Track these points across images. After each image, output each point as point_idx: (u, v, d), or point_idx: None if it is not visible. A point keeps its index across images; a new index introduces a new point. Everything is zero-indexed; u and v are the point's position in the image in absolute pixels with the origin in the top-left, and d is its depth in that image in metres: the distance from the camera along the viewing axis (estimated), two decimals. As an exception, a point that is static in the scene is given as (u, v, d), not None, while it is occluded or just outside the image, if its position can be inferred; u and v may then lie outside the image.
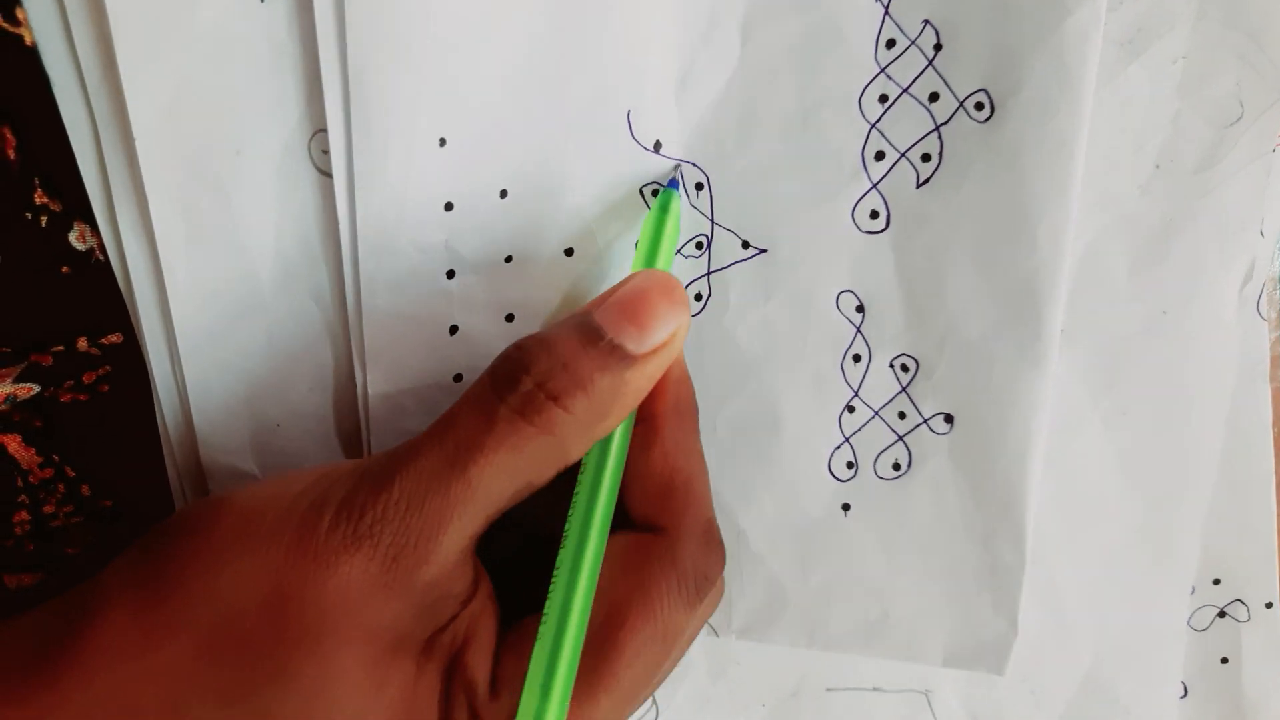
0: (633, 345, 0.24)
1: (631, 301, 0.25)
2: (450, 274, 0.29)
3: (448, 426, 0.24)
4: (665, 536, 0.25)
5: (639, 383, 0.24)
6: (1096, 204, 0.29)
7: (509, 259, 0.30)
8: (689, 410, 0.27)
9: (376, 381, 0.30)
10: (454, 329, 0.30)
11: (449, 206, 0.29)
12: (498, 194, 0.29)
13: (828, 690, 0.35)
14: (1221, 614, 0.33)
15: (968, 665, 0.32)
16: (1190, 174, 0.29)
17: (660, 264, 0.27)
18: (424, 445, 0.24)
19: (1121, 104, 0.29)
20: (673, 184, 0.28)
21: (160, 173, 0.27)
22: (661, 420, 0.26)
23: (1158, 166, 0.29)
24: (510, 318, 0.30)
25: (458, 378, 0.31)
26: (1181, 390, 0.31)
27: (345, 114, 0.27)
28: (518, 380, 0.23)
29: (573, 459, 0.25)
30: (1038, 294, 0.29)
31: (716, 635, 0.33)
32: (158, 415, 0.29)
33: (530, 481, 0.24)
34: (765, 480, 0.32)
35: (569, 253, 0.30)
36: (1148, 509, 0.32)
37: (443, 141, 0.28)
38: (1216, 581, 0.33)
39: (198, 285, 0.28)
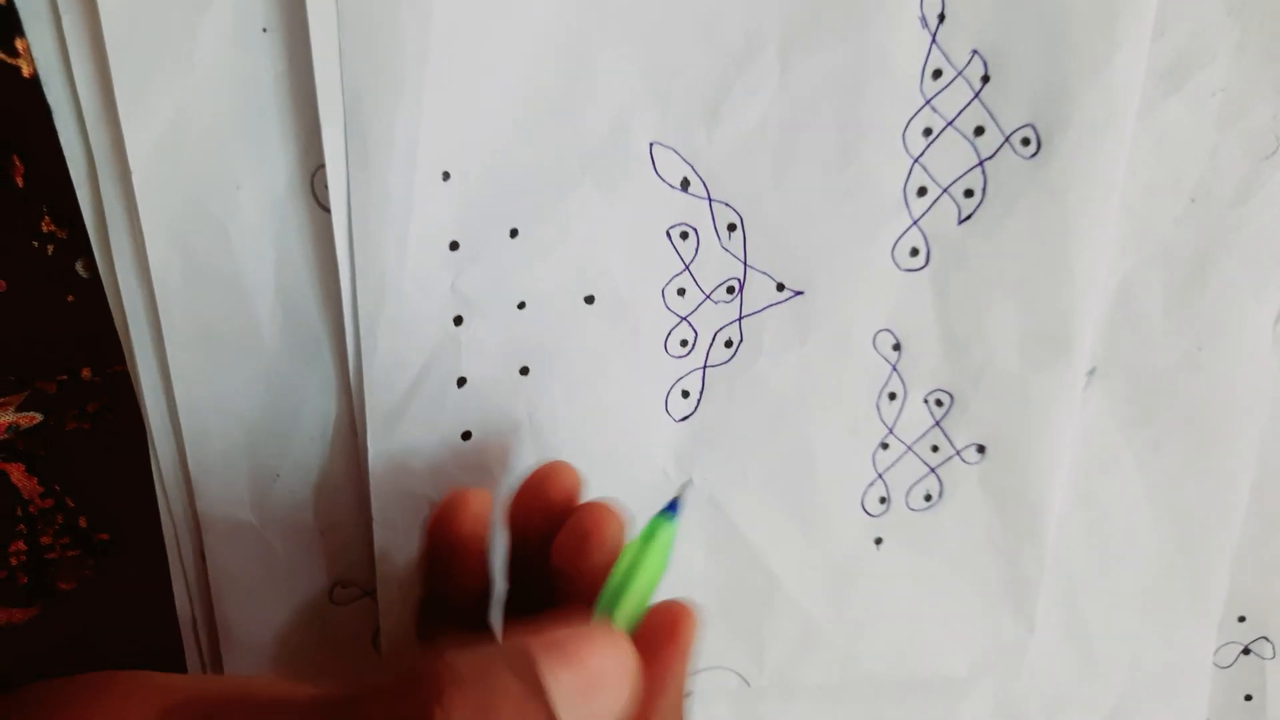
0: (569, 717, 0.18)
1: (585, 662, 0.19)
2: (458, 320, 0.26)
3: None
4: None
5: None
6: (1132, 238, 0.29)
7: (522, 305, 0.27)
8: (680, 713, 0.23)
9: (378, 437, 0.27)
10: (462, 381, 0.27)
11: (454, 246, 0.26)
12: (508, 233, 0.26)
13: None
14: (1246, 651, 0.34)
15: (989, 672, 0.33)
16: (1226, 208, 0.29)
17: (626, 606, 0.22)
18: None
19: (1159, 137, 0.28)
20: (671, 507, 0.24)
21: (157, 208, 0.25)
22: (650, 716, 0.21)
23: (1193, 200, 0.29)
24: (525, 371, 0.27)
25: (466, 435, 0.28)
26: (1215, 426, 0.31)
27: (344, 145, 0.24)
28: None
29: None
30: (1073, 324, 0.29)
31: (749, 684, 0.31)
32: (153, 462, 0.28)
33: None
34: (798, 522, 0.30)
35: (589, 300, 0.27)
36: (1178, 545, 0.32)
37: (446, 175, 0.25)
38: (1241, 619, 0.33)
39: (195, 326, 0.26)
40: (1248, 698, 0.34)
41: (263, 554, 0.29)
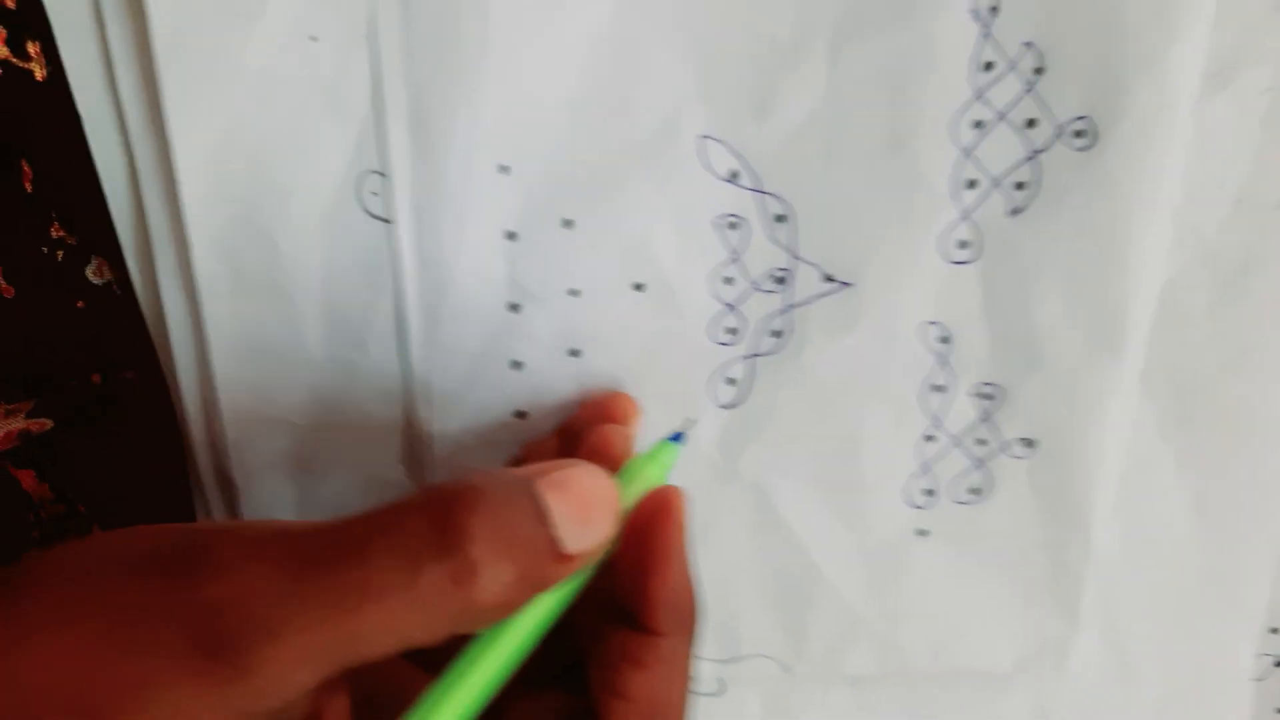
0: (569, 542, 0.21)
1: (577, 492, 0.21)
2: (514, 306, 0.27)
3: (361, 551, 0.19)
4: None
5: (559, 576, 0.21)
6: (1176, 240, 0.28)
7: (574, 292, 0.28)
8: (693, 630, 0.24)
9: (438, 418, 0.28)
10: (517, 364, 0.28)
11: (511, 236, 0.27)
12: (562, 223, 0.27)
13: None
14: (1279, 663, 0.33)
15: (1034, 666, 0.32)
16: (1272, 209, 0.28)
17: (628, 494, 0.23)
18: (328, 552, 0.19)
19: (1204, 136, 0.27)
20: (677, 438, 0.25)
21: (205, 220, 0.25)
22: (662, 638, 0.23)
23: (1239, 202, 0.28)
24: (576, 353, 0.28)
25: (520, 414, 0.28)
26: (1258, 431, 0.30)
27: (408, 142, 0.25)
28: (457, 542, 0.19)
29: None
30: (1126, 318, 0.28)
31: (789, 672, 0.32)
32: (193, 470, 0.28)
33: (416, 640, 0.20)
34: (842, 512, 0.30)
35: (639, 288, 0.28)
36: (1218, 551, 0.32)
37: (504, 168, 0.26)
38: (1275, 630, 0.32)
39: (241, 337, 0.26)
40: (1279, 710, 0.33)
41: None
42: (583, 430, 0.26)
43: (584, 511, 0.21)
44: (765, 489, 0.30)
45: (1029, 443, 0.30)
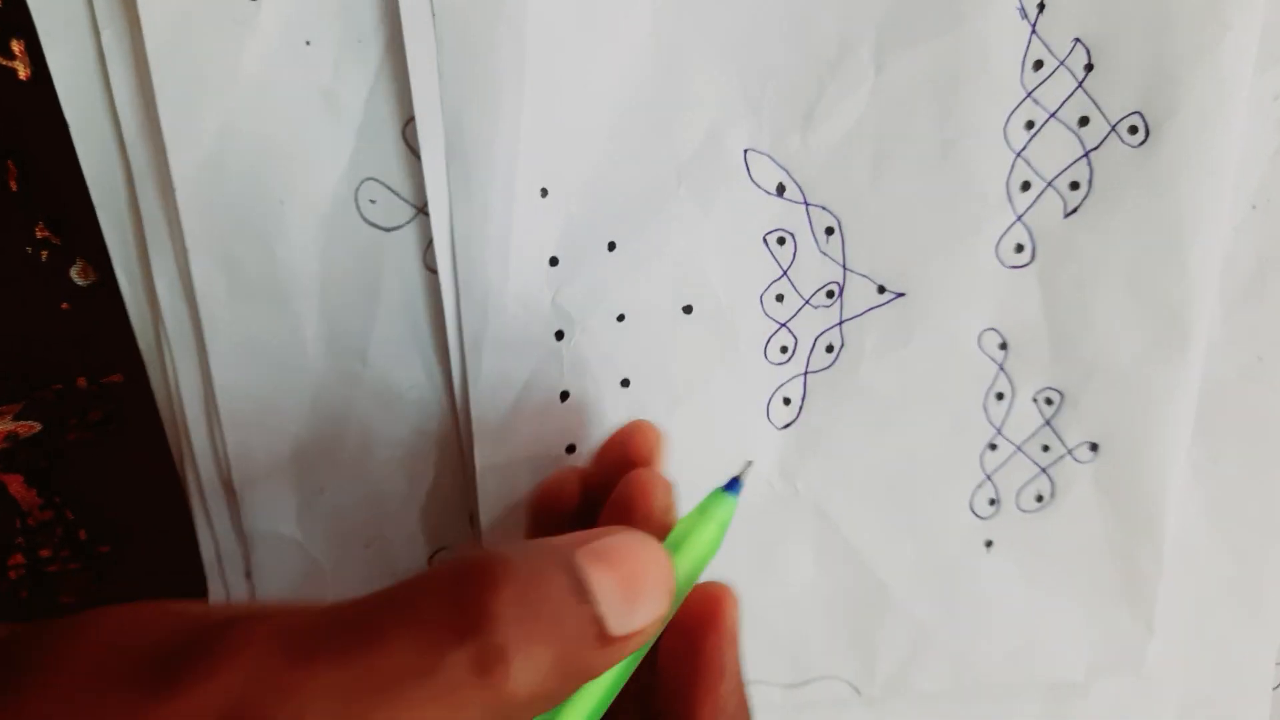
0: (614, 622, 0.18)
1: (624, 564, 0.19)
2: (559, 335, 0.27)
3: (375, 637, 0.17)
4: None
5: (593, 672, 0.18)
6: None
7: (621, 317, 0.27)
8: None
9: (485, 452, 0.27)
10: (565, 395, 0.27)
11: (554, 261, 0.26)
12: (605, 246, 0.26)
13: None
14: None
15: (1108, 673, 0.32)
16: None
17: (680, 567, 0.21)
18: (339, 639, 0.17)
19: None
20: (732, 486, 0.21)
21: (201, 225, 0.25)
22: None
23: (1254, 207, 0.28)
24: (626, 383, 0.27)
25: (570, 448, 0.28)
26: (1275, 438, 0.30)
27: (445, 168, 0.25)
28: (482, 625, 0.17)
29: None
30: (1188, 316, 0.28)
31: (860, 694, 0.31)
32: (191, 479, 0.27)
33: None
34: (906, 527, 0.30)
35: (687, 310, 0.27)
36: (1237, 559, 0.31)
37: (544, 192, 0.26)
38: None
39: (240, 342, 0.26)
40: (1294, 720, 0.33)
41: (307, 568, 0.29)
42: (608, 473, 0.24)
43: (633, 587, 0.19)
44: (826, 508, 0.29)
45: (1094, 447, 0.29)
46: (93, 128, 0.24)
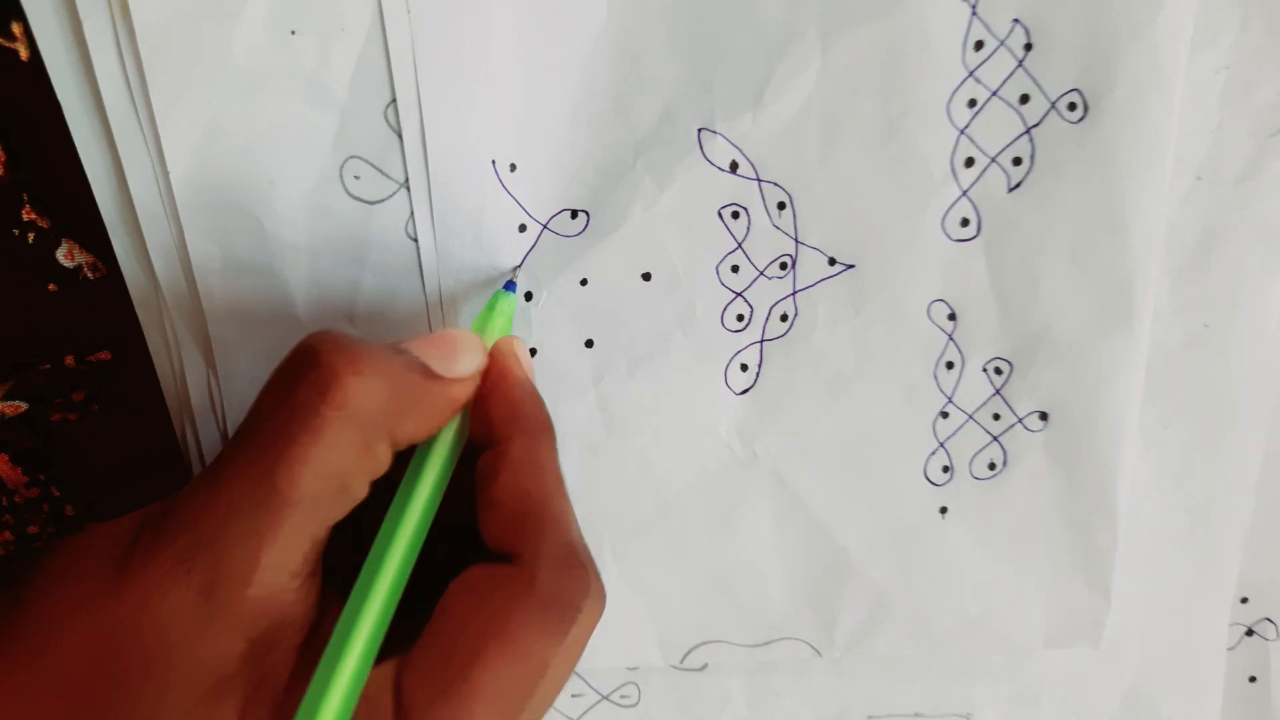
0: (437, 365, 0.23)
1: (437, 336, 0.24)
2: (529, 296, 0.29)
3: (249, 429, 0.22)
4: (521, 564, 0.23)
5: (439, 399, 0.23)
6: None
7: (584, 282, 0.29)
8: (539, 429, 0.25)
9: None
10: (533, 351, 0.29)
11: (523, 228, 0.28)
12: (569, 216, 0.28)
13: (869, 718, 0.34)
14: (1249, 632, 0.33)
15: (1066, 643, 0.32)
16: (1231, 185, 0.29)
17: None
18: (229, 453, 0.22)
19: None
20: (510, 286, 0.27)
21: (194, 205, 0.27)
22: (508, 442, 0.24)
23: (1199, 178, 0.28)
24: (590, 343, 0.29)
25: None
26: (1223, 403, 0.31)
27: (423, 144, 0.27)
28: (312, 363, 0.22)
29: (383, 463, 0.23)
30: (1133, 287, 0.28)
31: (819, 654, 0.32)
32: (191, 442, 0.29)
33: (345, 485, 0.22)
34: (862, 493, 0.31)
35: (646, 277, 0.29)
36: (1190, 524, 0.32)
37: (513, 167, 0.28)
38: (1244, 600, 0.33)
39: (236, 310, 0.28)
40: (1251, 679, 0.33)
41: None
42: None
43: (446, 345, 0.24)
44: (784, 473, 0.31)
45: (1044, 416, 0.30)
46: (83, 112, 0.26)
